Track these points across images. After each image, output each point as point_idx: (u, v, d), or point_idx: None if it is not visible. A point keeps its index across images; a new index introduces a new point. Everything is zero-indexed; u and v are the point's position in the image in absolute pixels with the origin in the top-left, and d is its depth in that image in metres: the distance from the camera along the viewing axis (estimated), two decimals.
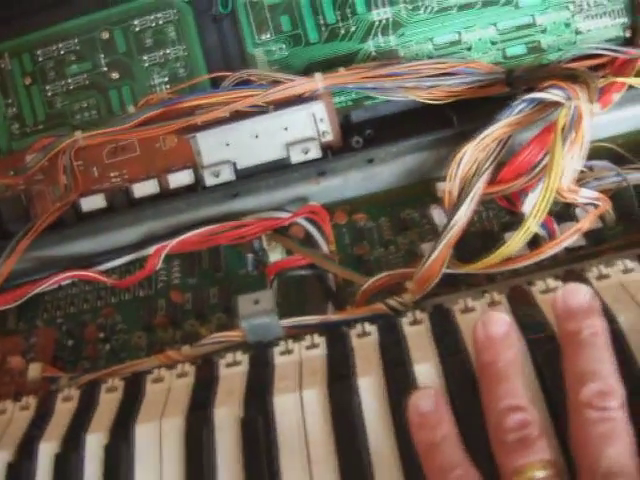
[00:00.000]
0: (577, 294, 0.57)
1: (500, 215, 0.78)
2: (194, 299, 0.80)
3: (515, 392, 0.53)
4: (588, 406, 0.50)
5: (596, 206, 0.72)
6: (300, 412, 0.59)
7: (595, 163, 0.76)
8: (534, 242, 0.72)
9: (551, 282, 0.64)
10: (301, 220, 0.78)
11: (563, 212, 0.76)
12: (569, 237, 0.69)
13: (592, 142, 0.77)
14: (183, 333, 0.78)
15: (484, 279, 0.71)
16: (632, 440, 0.49)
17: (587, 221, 0.70)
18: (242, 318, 0.66)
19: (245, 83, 0.85)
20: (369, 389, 0.59)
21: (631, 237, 0.73)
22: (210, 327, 0.77)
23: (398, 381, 0.58)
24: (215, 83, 0.87)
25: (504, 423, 0.51)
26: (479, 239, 0.76)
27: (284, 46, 0.88)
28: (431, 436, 0.53)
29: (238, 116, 0.84)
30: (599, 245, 0.73)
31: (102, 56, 0.90)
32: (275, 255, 0.78)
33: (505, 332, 0.56)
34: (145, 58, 0.90)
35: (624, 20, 0.86)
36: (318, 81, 0.82)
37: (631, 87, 0.79)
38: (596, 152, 0.78)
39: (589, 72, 0.74)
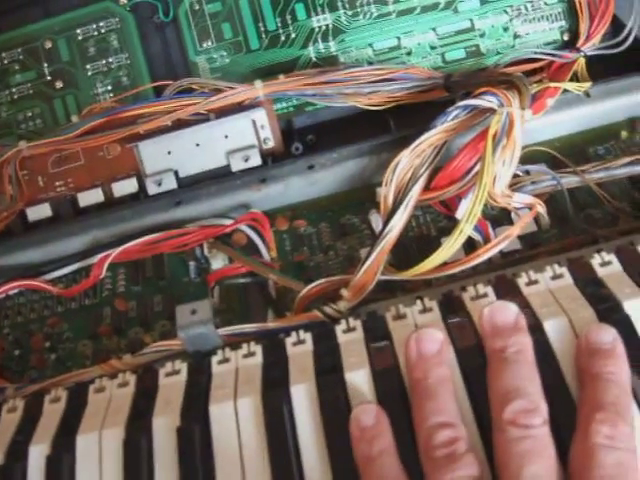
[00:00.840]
0: (504, 311, 0.58)
1: (438, 220, 0.79)
2: (138, 307, 0.81)
3: (444, 409, 0.54)
4: (511, 424, 0.52)
5: (530, 210, 0.73)
6: (235, 421, 0.60)
7: (531, 167, 0.78)
8: (471, 247, 0.73)
9: (481, 288, 0.65)
10: (243, 227, 0.79)
11: (500, 216, 0.77)
12: (501, 242, 0.70)
13: (530, 145, 0.79)
14: (128, 341, 0.78)
15: (420, 284, 0.72)
16: (553, 457, 0.51)
17: (518, 226, 0.72)
18: (179, 328, 0.67)
19: (187, 91, 0.85)
20: (301, 397, 0.60)
21: (565, 241, 0.75)
22: (154, 335, 0.77)
23: (330, 388, 0.60)
24: (158, 91, 0.88)
25: (433, 439, 0.53)
26: (416, 243, 0.77)
27: (225, 53, 0.88)
28: (368, 450, 0.55)
29: (180, 124, 0.85)
30: (534, 249, 0.75)
31: (46, 65, 0.91)
32: (217, 262, 0.79)
33: (437, 349, 0.58)
34: (88, 67, 0.90)
35: (562, 24, 0.88)
36: (258, 89, 0.83)
37: (567, 91, 0.80)
38: (534, 156, 0.80)
39: (522, 78, 0.76)
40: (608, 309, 0.59)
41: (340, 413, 0.58)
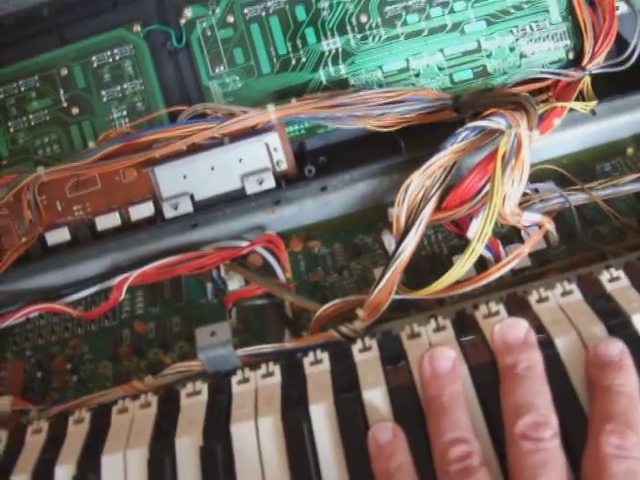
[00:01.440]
0: (514, 328, 0.60)
1: (449, 238, 0.81)
2: (157, 328, 0.82)
3: (459, 425, 0.56)
4: (523, 437, 0.53)
5: (540, 228, 0.75)
6: (256, 439, 0.62)
7: (540, 185, 0.79)
8: (482, 265, 0.75)
9: (493, 306, 0.66)
10: (258, 248, 0.81)
11: (510, 234, 0.79)
12: (512, 260, 0.72)
13: (538, 164, 0.81)
14: (147, 362, 0.80)
15: (434, 302, 0.74)
16: (564, 468, 0.52)
17: (529, 245, 0.73)
18: (200, 350, 0.68)
19: (201, 116, 0.87)
20: (320, 415, 0.61)
21: (574, 257, 0.76)
22: (173, 356, 0.79)
23: (348, 407, 0.61)
24: (173, 117, 0.90)
25: (448, 454, 0.55)
26: (428, 263, 0.79)
27: (237, 78, 0.90)
28: (386, 466, 0.56)
29: (195, 149, 0.86)
30: (543, 265, 0.76)
31: (62, 92, 0.93)
32: (234, 284, 0.80)
33: (450, 367, 0.60)
34: (104, 93, 0.92)
35: (567, 42, 0.89)
36: (271, 112, 0.85)
37: (573, 109, 0.82)
38: (542, 174, 0.82)
39: (530, 98, 0.77)
40: (618, 324, 0.61)
41: (358, 431, 0.60)
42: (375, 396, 0.61)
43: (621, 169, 0.84)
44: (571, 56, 0.90)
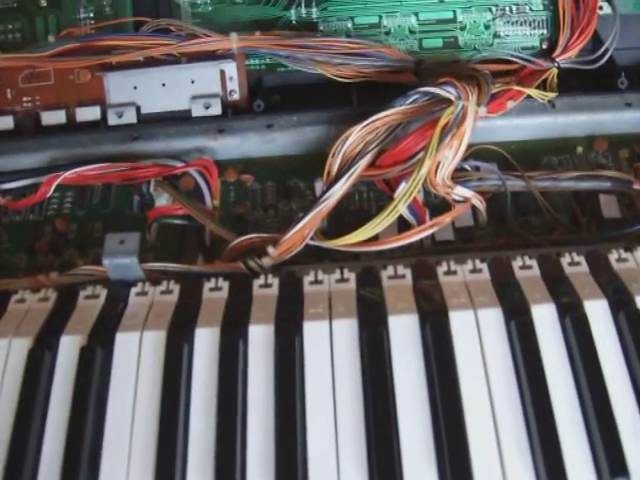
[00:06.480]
0: None
1: (381, 198, 0.81)
2: (79, 230, 0.82)
3: None
4: None
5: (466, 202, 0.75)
6: (137, 351, 0.62)
7: (481, 164, 0.79)
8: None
9: (400, 269, 0.67)
10: (192, 171, 0.81)
11: (442, 206, 0.78)
12: (431, 227, 0.72)
13: (486, 143, 0.80)
14: (62, 261, 0.80)
15: (349, 257, 0.74)
16: None
17: (450, 215, 0.73)
18: (105, 255, 0.68)
19: (164, 31, 0.87)
20: (203, 340, 0.62)
21: (497, 240, 0.76)
22: (87, 260, 0.79)
23: (231, 338, 0.62)
24: (137, 26, 0.89)
25: None
26: (354, 218, 0.78)
27: (209, 1, 0.89)
28: None
29: (151, 62, 0.86)
30: (466, 243, 0.76)
31: None
32: (160, 201, 0.80)
33: None
34: None
35: (544, 32, 0.89)
36: (233, 41, 0.85)
37: (532, 98, 0.82)
38: (488, 154, 0.81)
39: (487, 75, 0.77)
40: (513, 310, 0.62)
41: (235, 365, 0.60)
42: (261, 332, 0.62)
43: (567, 166, 0.84)
44: (544, 46, 0.90)
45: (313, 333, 0.62)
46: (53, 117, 0.88)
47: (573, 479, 0.53)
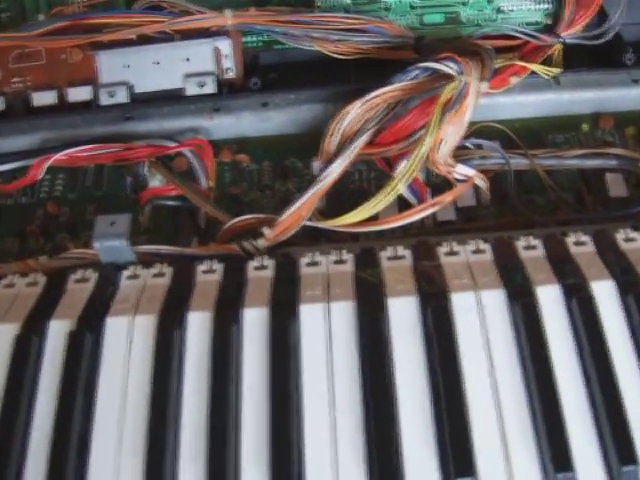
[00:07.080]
0: None
1: (380, 178, 0.78)
2: (71, 213, 0.80)
3: None
4: None
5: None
6: (128, 336, 0.60)
7: (484, 142, 0.77)
8: None
9: (400, 250, 0.65)
10: (186, 152, 0.79)
11: (443, 186, 0.76)
12: (431, 206, 0.70)
13: (489, 121, 0.78)
14: (53, 245, 0.78)
15: (348, 237, 0.72)
16: None
17: (452, 194, 0.72)
18: (95, 238, 0.66)
19: (157, 8, 0.85)
20: (196, 324, 0.60)
21: (500, 220, 0.74)
22: (79, 243, 0.77)
23: (224, 322, 0.60)
24: (129, 3, 0.87)
25: None
26: (353, 198, 0.76)
27: None
28: None
29: (144, 40, 0.84)
30: (468, 223, 0.74)
31: None
32: (154, 182, 0.78)
33: None
34: None
35: (548, 7, 0.87)
36: (227, 17, 0.83)
37: (536, 74, 0.80)
38: (491, 132, 0.80)
39: (489, 50, 0.75)
40: (516, 291, 0.60)
41: (228, 349, 0.58)
42: (255, 315, 0.60)
43: (572, 144, 0.82)
44: (549, 21, 0.88)
45: (309, 316, 0.60)
46: (44, 98, 0.86)
47: (580, 467, 0.51)
